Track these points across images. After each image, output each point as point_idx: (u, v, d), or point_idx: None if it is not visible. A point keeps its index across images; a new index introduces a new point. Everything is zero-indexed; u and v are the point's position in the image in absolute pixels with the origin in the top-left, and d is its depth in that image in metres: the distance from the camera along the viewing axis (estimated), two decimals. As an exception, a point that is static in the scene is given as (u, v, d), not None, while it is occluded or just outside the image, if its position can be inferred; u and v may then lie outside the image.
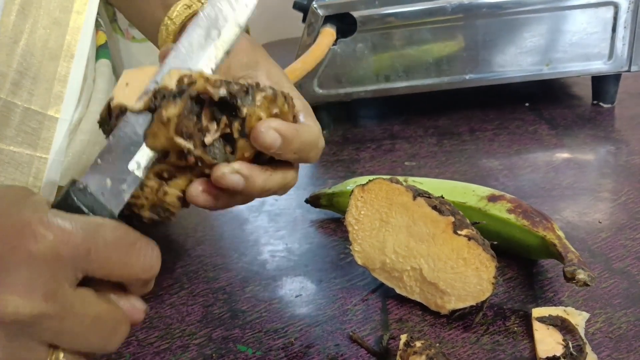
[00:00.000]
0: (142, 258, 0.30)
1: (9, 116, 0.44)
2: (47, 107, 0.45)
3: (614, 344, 0.41)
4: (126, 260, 0.29)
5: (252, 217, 0.62)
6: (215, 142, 0.32)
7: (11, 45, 0.44)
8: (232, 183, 0.32)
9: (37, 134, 0.45)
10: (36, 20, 0.45)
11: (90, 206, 0.30)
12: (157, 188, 0.33)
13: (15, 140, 0.45)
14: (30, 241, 0.26)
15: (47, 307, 0.27)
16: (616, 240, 0.52)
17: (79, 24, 0.46)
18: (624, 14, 0.72)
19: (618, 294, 0.46)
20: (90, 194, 0.30)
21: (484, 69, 0.76)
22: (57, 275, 0.27)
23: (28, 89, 0.45)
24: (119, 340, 0.31)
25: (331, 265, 0.53)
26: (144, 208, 0.33)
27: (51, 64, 0.45)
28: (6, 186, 0.28)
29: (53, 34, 0.45)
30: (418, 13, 0.73)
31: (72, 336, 0.28)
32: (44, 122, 0.45)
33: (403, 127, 0.81)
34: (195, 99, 0.31)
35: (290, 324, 0.46)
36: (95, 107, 0.54)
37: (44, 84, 0.45)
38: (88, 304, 0.29)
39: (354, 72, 0.76)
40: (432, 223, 0.44)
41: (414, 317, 0.46)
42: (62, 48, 0.46)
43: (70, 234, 0.27)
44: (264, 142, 0.32)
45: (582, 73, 0.76)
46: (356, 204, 0.47)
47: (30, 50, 0.44)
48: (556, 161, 0.67)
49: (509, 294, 0.47)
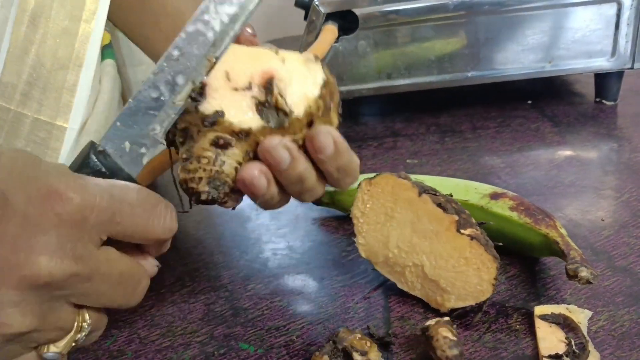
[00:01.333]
0: (162, 220, 0.31)
1: (18, 127, 0.44)
2: (55, 117, 0.46)
3: (617, 342, 0.41)
4: (148, 223, 0.30)
5: (253, 215, 0.62)
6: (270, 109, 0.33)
7: (22, 56, 0.44)
8: (278, 157, 0.33)
9: (46, 144, 0.46)
10: (46, 30, 0.45)
11: (110, 168, 0.31)
12: (214, 158, 0.33)
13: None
14: (57, 204, 0.27)
15: (77, 268, 0.27)
16: (619, 238, 0.52)
17: (87, 33, 0.46)
18: (627, 11, 0.72)
19: (621, 291, 0.45)
20: (109, 156, 0.31)
21: (486, 67, 0.76)
22: (84, 237, 0.28)
23: (37, 100, 0.45)
24: (140, 295, 0.32)
25: (333, 263, 0.53)
26: (201, 182, 0.33)
27: (60, 74, 0.46)
28: (14, 150, 0.29)
29: (62, 43, 0.45)
30: (420, 10, 0.72)
31: (98, 295, 0.29)
32: (52, 132, 0.46)
33: (405, 125, 0.81)
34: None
35: (292, 322, 0.46)
36: (101, 107, 0.54)
37: (53, 93, 0.45)
38: (113, 263, 0.30)
39: (356, 70, 0.76)
40: (436, 220, 0.44)
41: (416, 314, 0.46)
42: (71, 57, 0.46)
43: (96, 197, 0.28)
44: (319, 142, 0.33)
45: (584, 70, 0.76)
46: (362, 197, 0.47)
47: (40, 61, 0.45)
48: (558, 159, 0.67)
49: (511, 291, 0.47)
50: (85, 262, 0.28)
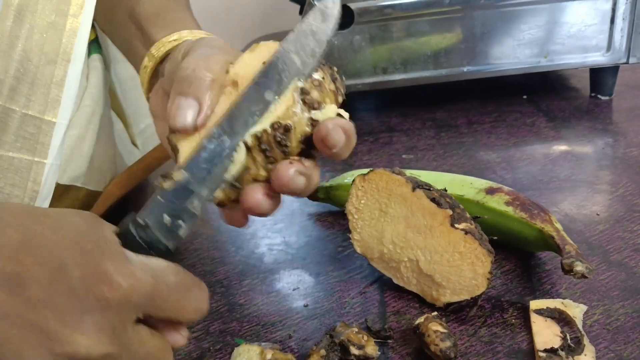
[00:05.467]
0: (195, 302, 0.32)
1: (7, 122, 0.44)
2: (44, 112, 0.45)
3: (612, 336, 0.41)
4: (183, 304, 0.31)
5: (249, 211, 0.62)
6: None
7: (8, 51, 0.43)
8: (295, 186, 0.33)
9: (35, 139, 0.45)
10: (32, 25, 0.44)
11: (149, 242, 0.31)
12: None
13: (14, 146, 0.45)
14: (106, 288, 0.28)
15: (112, 348, 0.28)
16: (614, 233, 0.52)
17: (74, 27, 0.46)
18: (622, 6, 0.72)
19: (616, 286, 0.46)
20: (149, 229, 0.31)
21: (481, 61, 0.76)
22: (124, 318, 0.29)
23: (25, 95, 0.44)
24: None
25: (329, 258, 0.53)
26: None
27: (48, 69, 0.45)
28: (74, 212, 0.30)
29: (49, 38, 0.45)
30: (416, 5, 0.72)
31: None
32: (41, 127, 0.45)
33: (401, 120, 0.81)
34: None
35: (287, 317, 0.46)
36: (87, 101, 0.54)
37: (41, 88, 0.45)
38: (143, 342, 0.30)
39: (352, 65, 0.76)
40: (430, 215, 0.44)
41: (411, 309, 0.46)
42: (59, 52, 0.46)
43: (142, 282, 0.29)
44: (332, 140, 0.32)
45: (580, 65, 0.76)
46: (357, 193, 0.46)
47: (27, 56, 0.44)
48: (554, 153, 0.67)
49: (507, 286, 0.47)
50: (120, 341, 0.29)
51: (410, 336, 0.42)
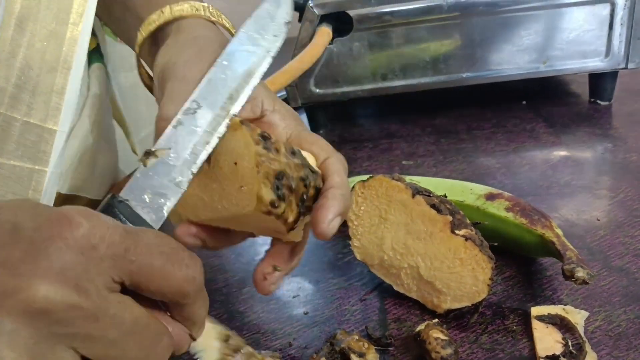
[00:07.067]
0: (185, 268, 0.28)
1: (8, 130, 0.44)
2: (45, 120, 0.46)
3: (614, 342, 0.41)
4: (168, 268, 0.28)
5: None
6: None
7: (9, 59, 0.44)
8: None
9: (36, 147, 0.45)
10: (33, 33, 0.44)
11: (130, 219, 0.30)
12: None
13: (15, 155, 0.45)
14: (65, 229, 0.26)
15: (78, 300, 0.25)
16: (615, 238, 0.52)
17: (75, 36, 0.46)
18: (621, 11, 0.72)
19: (617, 291, 0.45)
20: (129, 207, 0.31)
21: (480, 67, 0.76)
22: (90, 268, 0.26)
23: (27, 103, 0.45)
24: (161, 354, 0.29)
25: (329, 266, 0.53)
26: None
27: (49, 77, 0.45)
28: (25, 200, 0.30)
29: (50, 46, 0.45)
30: (414, 11, 0.72)
31: (106, 344, 0.26)
32: (42, 135, 0.45)
33: (400, 126, 0.81)
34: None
35: (287, 325, 0.46)
36: (88, 111, 0.54)
37: (42, 96, 0.45)
38: (125, 307, 0.27)
39: (351, 71, 0.76)
40: (430, 221, 0.43)
41: (412, 316, 0.45)
42: (59, 60, 0.46)
43: (108, 228, 0.26)
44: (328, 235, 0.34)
45: (579, 71, 0.76)
46: (356, 200, 0.46)
47: (29, 64, 0.44)
48: (554, 159, 0.67)
49: (508, 292, 0.47)
50: (90, 297, 0.25)
51: (411, 343, 0.42)
